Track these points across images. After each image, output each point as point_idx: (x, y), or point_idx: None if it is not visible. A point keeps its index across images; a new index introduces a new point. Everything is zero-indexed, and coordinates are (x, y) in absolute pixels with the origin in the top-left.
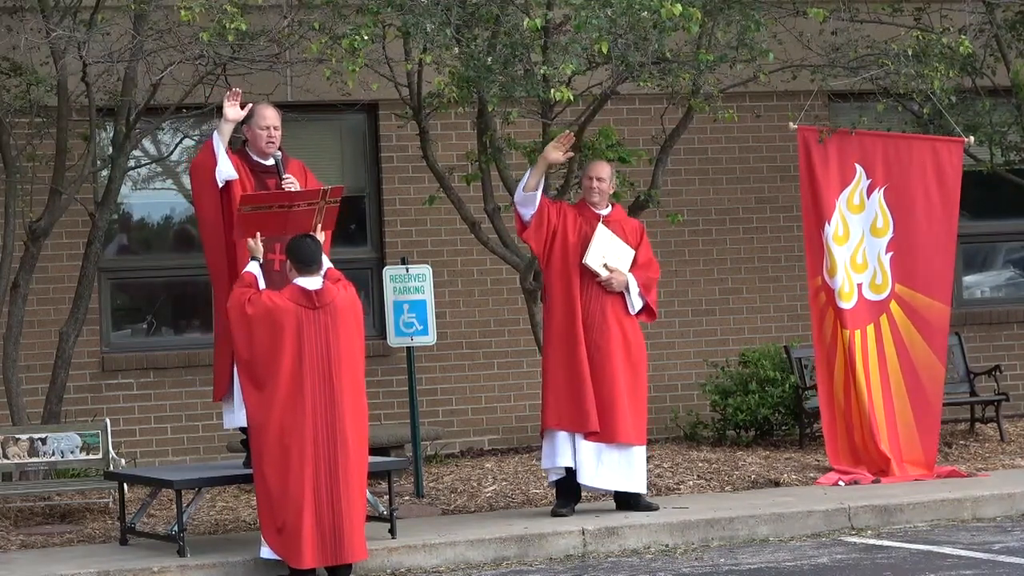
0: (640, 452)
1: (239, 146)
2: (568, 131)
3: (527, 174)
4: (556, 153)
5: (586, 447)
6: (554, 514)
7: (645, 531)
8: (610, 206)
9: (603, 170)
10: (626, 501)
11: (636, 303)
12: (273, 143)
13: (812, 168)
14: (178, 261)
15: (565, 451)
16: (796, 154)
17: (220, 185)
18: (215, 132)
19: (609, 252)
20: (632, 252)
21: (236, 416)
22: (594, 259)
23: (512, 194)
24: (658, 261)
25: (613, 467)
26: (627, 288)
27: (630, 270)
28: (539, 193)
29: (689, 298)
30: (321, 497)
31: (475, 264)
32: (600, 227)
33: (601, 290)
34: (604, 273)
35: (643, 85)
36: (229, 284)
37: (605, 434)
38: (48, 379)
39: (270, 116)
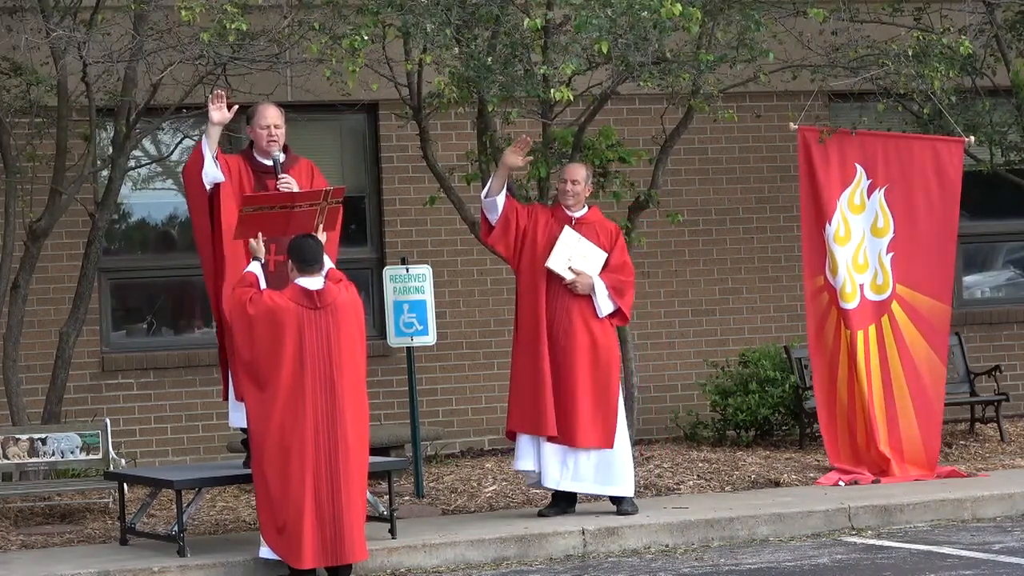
0: (617, 455)
1: (245, 147)
2: (525, 135)
3: (491, 179)
4: (514, 157)
5: (549, 450)
6: (539, 514)
7: (645, 531)
8: (585, 208)
9: (577, 172)
10: (617, 503)
11: (603, 306)
12: (275, 142)
13: (812, 168)
14: (178, 261)
15: (527, 454)
16: (796, 154)
17: (208, 188)
18: (203, 135)
19: (576, 254)
20: (604, 255)
21: (237, 415)
22: (557, 262)
23: (512, 194)
24: (633, 264)
25: (587, 470)
26: (593, 291)
27: (601, 273)
28: (500, 198)
29: (689, 298)
30: (321, 497)
31: (475, 264)
32: (566, 229)
33: (568, 293)
34: (568, 275)
35: (643, 85)
36: (219, 286)
37: (565, 437)
38: (48, 379)
39: (270, 115)
